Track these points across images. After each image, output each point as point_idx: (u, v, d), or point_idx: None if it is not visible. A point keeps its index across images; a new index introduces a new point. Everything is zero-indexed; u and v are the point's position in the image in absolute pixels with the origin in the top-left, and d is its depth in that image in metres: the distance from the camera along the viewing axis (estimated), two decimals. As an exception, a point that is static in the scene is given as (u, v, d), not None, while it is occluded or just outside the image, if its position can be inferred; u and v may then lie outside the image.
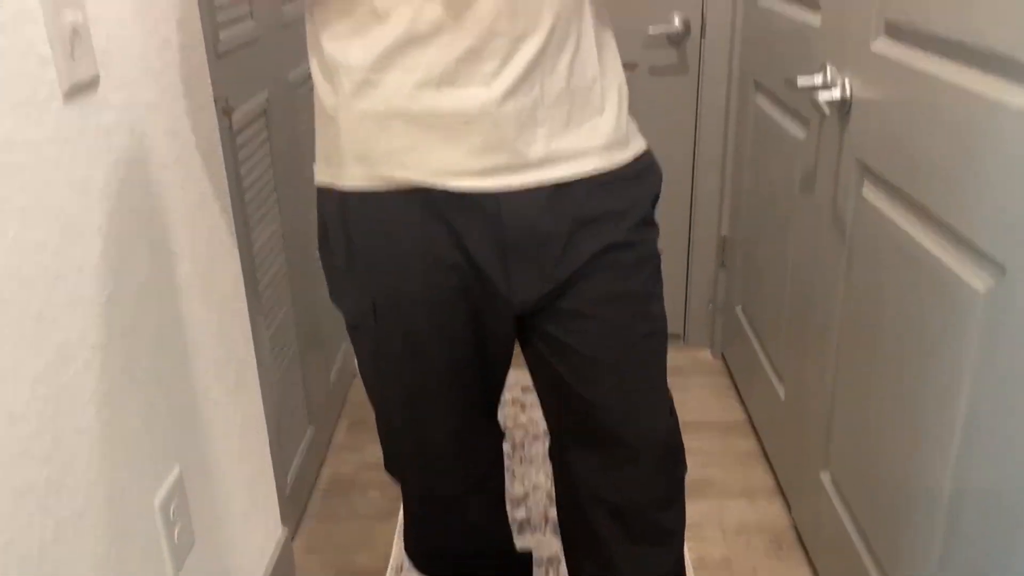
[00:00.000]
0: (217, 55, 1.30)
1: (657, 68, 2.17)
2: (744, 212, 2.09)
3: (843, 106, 1.31)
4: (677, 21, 2.11)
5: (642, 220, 1.06)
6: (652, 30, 2.12)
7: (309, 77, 1.02)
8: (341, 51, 0.94)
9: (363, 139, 0.96)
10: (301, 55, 1.76)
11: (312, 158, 1.06)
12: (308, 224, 1.83)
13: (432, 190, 0.96)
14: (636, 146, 1.06)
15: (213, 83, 1.25)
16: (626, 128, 1.04)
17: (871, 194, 1.23)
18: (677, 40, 2.14)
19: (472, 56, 0.91)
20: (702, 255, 2.33)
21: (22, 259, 0.77)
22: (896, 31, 1.15)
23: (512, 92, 0.93)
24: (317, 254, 1.10)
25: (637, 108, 2.17)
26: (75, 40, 0.84)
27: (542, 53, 0.93)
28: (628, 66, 2.13)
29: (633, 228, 1.05)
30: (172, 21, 1.11)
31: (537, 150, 0.96)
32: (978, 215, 0.93)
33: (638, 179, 1.05)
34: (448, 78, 0.91)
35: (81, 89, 0.87)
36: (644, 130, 1.10)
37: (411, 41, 0.91)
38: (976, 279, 0.93)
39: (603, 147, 1.01)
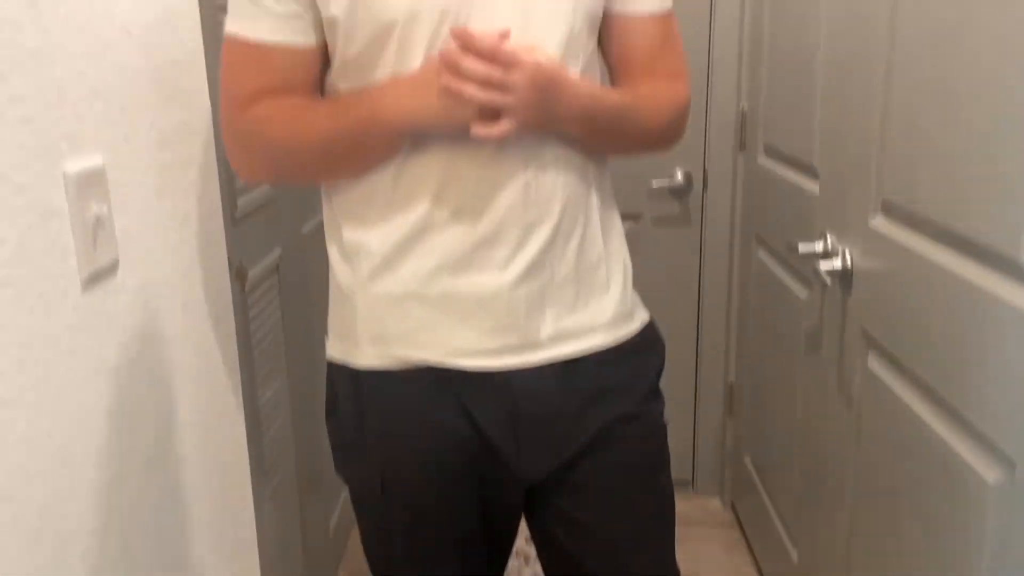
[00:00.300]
0: (234, 221, 1.34)
1: (660, 219, 2.23)
2: (750, 359, 2.09)
3: (845, 275, 1.33)
4: (679, 175, 2.18)
5: (648, 392, 1.08)
6: (655, 183, 2.18)
7: (322, 228, 1.05)
8: (360, 237, 0.97)
9: (379, 320, 0.98)
10: (315, 208, 1.81)
11: (322, 309, 1.08)
12: (315, 373, 1.84)
13: (444, 369, 0.97)
14: (640, 318, 1.08)
15: (229, 247, 1.28)
16: (631, 302, 1.07)
17: (877, 366, 1.23)
18: (679, 193, 2.21)
19: (486, 243, 0.94)
20: (709, 401, 2.32)
21: (29, 453, 0.77)
22: (893, 211, 1.18)
23: (524, 277, 0.96)
24: (321, 401, 1.10)
25: (642, 257, 2.21)
26: (98, 230, 0.87)
27: (552, 239, 0.97)
28: (632, 217, 2.19)
29: (640, 400, 1.06)
30: (193, 196, 1.15)
31: (547, 330, 0.99)
32: (985, 406, 0.93)
33: (643, 352, 1.08)
34: (463, 264, 0.95)
35: (100, 276, 0.89)
36: (649, 278, 1.13)
37: (428, 229, 0.94)
38: (986, 470, 0.92)
39: (609, 323, 1.03)
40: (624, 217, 1.10)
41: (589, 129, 0.97)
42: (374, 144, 0.94)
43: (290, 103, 0.95)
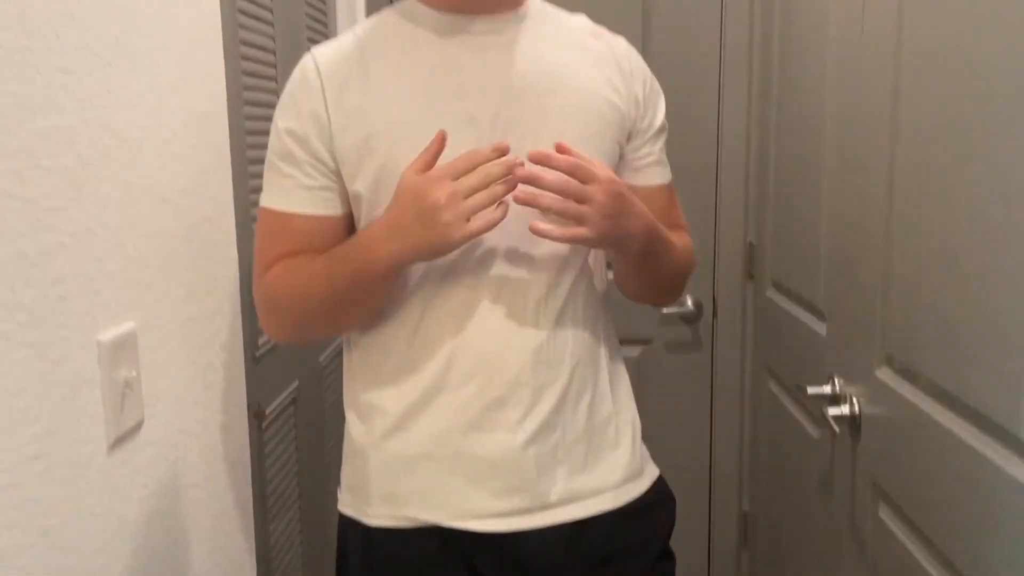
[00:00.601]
0: (255, 360, 1.38)
1: (671, 344, 2.25)
2: (765, 489, 2.07)
3: (853, 422, 1.34)
4: (689, 302, 2.22)
5: (660, 554, 1.08)
6: (666, 309, 2.22)
7: (338, 355, 1.07)
8: (376, 397, 1.00)
9: (391, 479, 1.00)
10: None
11: (336, 441, 1.09)
12: (326, 507, 1.83)
13: (453, 529, 0.98)
14: (650, 474, 1.09)
15: (248, 387, 1.31)
16: (640, 459, 1.08)
17: (888, 518, 1.22)
18: (690, 319, 2.24)
19: (498, 405, 0.97)
20: (723, 529, 2.29)
21: (46, 622, 0.78)
22: (897, 365, 1.20)
23: (535, 438, 0.98)
24: (331, 534, 1.10)
25: (653, 381, 2.19)
26: (126, 393, 0.91)
27: (563, 400, 0.99)
28: (643, 341, 2.22)
29: (651, 563, 1.07)
30: (217, 344, 1.19)
31: (557, 491, 1.00)
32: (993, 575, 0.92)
33: (653, 510, 1.08)
34: (474, 425, 0.97)
35: (125, 437, 0.92)
36: (660, 402, 1.14)
37: (441, 390, 0.97)
38: (1001, 644, 0.91)
39: (619, 482, 1.05)
40: (635, 341, 1.13)
41: (648, 250, 0.99)
42: (372, 288, 0.95)
43: (296, 261, 0.98)
